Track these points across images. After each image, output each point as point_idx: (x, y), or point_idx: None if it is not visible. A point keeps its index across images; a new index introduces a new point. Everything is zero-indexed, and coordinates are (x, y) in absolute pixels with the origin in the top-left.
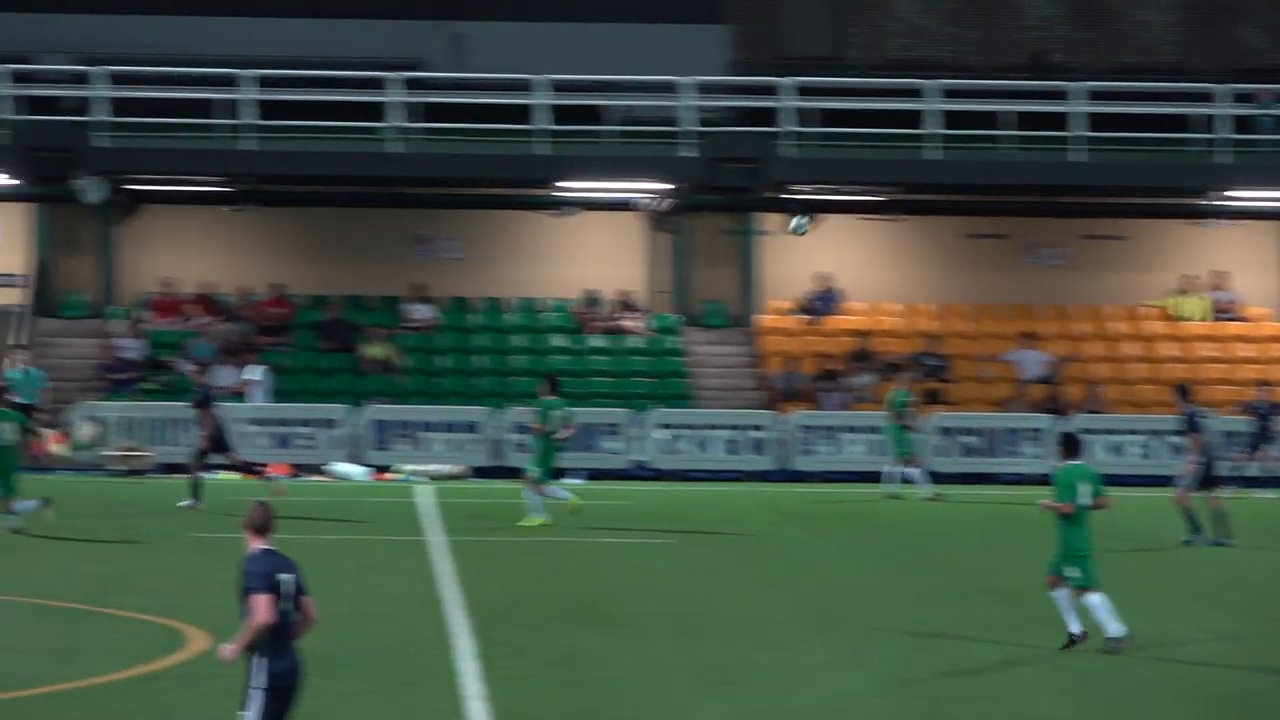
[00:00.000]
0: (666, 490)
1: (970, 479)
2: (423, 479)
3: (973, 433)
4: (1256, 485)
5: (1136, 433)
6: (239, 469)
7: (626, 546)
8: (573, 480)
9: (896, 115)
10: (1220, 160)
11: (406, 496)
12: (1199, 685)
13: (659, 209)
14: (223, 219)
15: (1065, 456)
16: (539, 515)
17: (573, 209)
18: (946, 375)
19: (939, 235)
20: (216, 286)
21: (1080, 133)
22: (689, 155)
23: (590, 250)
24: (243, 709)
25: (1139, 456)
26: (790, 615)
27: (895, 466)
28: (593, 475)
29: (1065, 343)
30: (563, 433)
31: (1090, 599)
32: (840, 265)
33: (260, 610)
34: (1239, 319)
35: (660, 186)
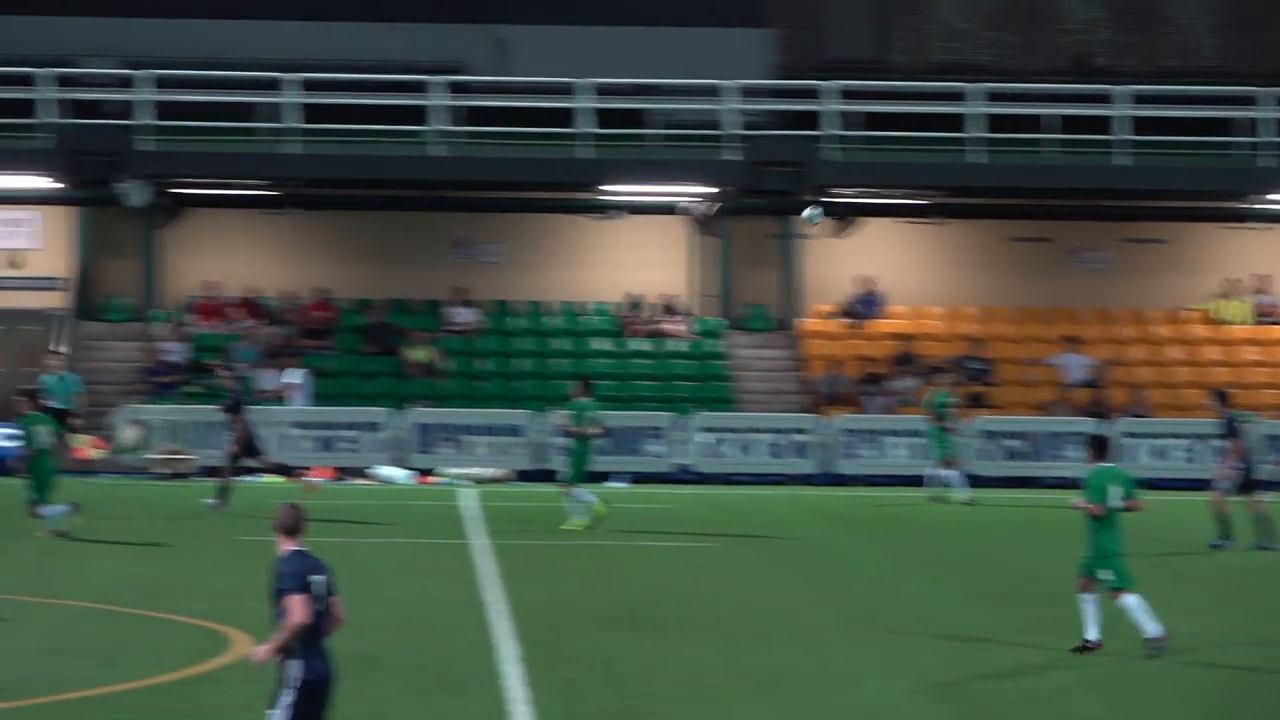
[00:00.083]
0: (709, 494)
1: (1013, 483)
2: (466, 482)
3: (1016, 436)
4: None
5: (1180, 436)
6: (276, 471)
7: (670, 550)
8: (616, 484)
9: (939, 119)
10: (1263, 164)
11: (450, 500)
12: (1239, 690)
13: (702, 213)
14: (266, 222)
15: (1094, 458)
16: (581, 518)
17: (616, 213)
18: (989, 379)
19: (982, 238)
20: (260, 290)
21: (1123, 136)
22: (732, 159)
23: (633, 254)
24: (271, 707)
25: (1183, 460)
26: (833, 619)
27: (936, 469)
28: (636, 479)
29: (1108, 346)
30: (593, 430)
31: (1126, 600)
32: (883, 268)
33: (296, 611)
34: None
35: (703, 190)
